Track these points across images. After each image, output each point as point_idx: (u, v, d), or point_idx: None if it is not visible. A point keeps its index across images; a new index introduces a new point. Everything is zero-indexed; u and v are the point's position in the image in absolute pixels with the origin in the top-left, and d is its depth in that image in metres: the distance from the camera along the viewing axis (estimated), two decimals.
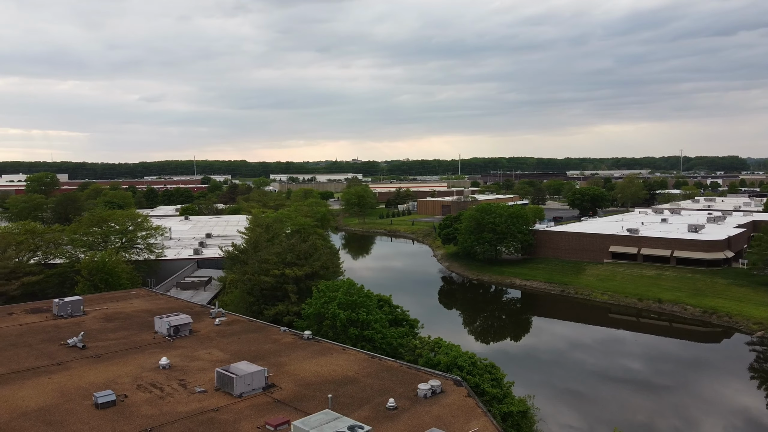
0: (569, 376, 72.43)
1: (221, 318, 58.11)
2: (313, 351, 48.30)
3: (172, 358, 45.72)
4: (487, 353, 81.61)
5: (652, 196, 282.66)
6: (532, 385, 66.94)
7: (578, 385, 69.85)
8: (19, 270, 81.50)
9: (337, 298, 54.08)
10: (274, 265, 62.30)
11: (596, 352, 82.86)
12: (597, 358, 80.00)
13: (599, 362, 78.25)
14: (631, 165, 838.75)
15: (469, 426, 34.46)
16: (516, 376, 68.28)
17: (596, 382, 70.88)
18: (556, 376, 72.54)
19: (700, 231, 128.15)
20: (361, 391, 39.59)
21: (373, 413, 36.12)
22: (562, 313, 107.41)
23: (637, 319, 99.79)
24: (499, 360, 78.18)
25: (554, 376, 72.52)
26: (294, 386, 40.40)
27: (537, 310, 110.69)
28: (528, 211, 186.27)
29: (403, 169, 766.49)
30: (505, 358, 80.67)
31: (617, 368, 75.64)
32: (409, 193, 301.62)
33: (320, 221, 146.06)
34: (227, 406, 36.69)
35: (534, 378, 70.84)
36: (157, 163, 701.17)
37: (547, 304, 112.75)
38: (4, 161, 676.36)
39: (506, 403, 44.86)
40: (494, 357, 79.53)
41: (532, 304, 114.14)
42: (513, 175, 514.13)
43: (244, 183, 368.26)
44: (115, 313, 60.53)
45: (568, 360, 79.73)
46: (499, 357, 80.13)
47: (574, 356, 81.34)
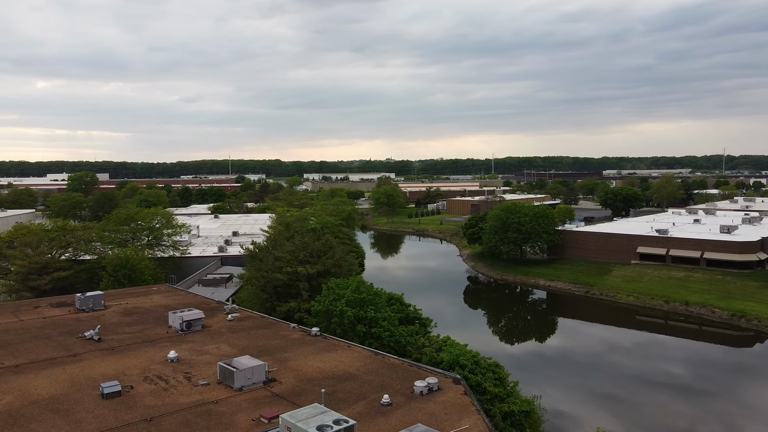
0: (589, 379, 71.66)
1: (234, 314, 59.49)
2: (318, 347, 49.12)
3: (181, 351, 47.13)
4: (506, 353, 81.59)
5: (689, 197, 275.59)
6: (547, 386, 66.58)
7: (600, 387, 69.05)
8: (50, 266, 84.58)
9: (346, 296, 54.77)
10: (287, 263, 63.41)
11: (619, 354, 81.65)
12: (619, 360, 78.86)
13: (623, 364, 77.11)
14: (671, 164, 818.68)
15: (460, 423, 34.72)
16: (531, 376, 68.17)
17: (621, 384, 69.91)
18: (576, 377, 71.86)
19: (733, 232, 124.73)
20: (359, 387, 40.19)
21: (367, 409, 36.69)
22: (586, 314, 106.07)
23: (665, 321, 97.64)
24: (515, 361, 78.21)
25: (575, 377, 71.85)
26: (294, 381, 41.25)
27: (560, 311, 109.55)
28: (557, 210, 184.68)
29: (436, 168, 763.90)
30: (523, 358, 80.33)
31: (645, 371, 74.39)
32: (439, 193, 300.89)
33: (345, 220, 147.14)
34: (227, 399, 37.74)
35: (549, 378, 70.36)
36: (193, 162, 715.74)
37: (571, 305, 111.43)
38: (50, 161, 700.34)
39: (508, 403, 44.83)
40: (511, 357, 79.56)
41: (555, 305, 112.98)
42: (547, 175, 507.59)
43: (275, 182, 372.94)
44: (134, 308, 62.51)
45: (590, 361, 78.82)
46: (518, 358, 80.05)
47: (595, 358, 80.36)
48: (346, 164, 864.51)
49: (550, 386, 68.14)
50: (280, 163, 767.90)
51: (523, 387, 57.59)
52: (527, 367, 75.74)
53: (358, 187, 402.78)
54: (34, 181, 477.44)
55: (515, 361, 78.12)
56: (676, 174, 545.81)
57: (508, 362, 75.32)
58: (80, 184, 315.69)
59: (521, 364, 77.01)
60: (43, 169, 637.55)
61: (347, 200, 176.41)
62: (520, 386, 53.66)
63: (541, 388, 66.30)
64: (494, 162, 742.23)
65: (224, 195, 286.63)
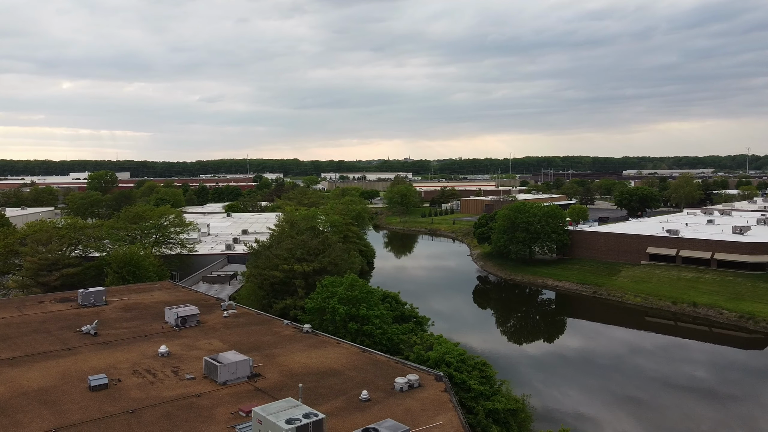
0: (585, 377, 71.44)
1: (231, 311, 60.42)
2: (308, 344, 49.77)
3: (173, 346, 48.11)
4: (507, 352, 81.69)
5: (707, 197, 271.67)
6: (543, 384, 66.64)
7: (596, 385, 68.82)
8: (60, 262, 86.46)
9: (338, 294, 55.38)
10: (284, 261, 64.22)
11: (621, 354, 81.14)
12: (621, 360, 78.39)
13: (624, 364, 76.66)
14: (693, 164, 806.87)
15: (434, 419, 35.08)
16: (529, 374, 68.27)
17: (619, 382, 69.59)
18: (571, 376, 71.69)
19: (746, 233, 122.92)
20: (341, 383, 40.73)
21: (346, 404, 37.22)
22: (592, 314, 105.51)
23: (673, 323, 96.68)
24: (514, 359, 78.23)
25: (570, 376, 71.69)
26: (279, 376, 41.93)
27: (566, 312, 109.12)
28: (571, 210, 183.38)
29: (454, 168, 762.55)
30: (522, 357, 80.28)
31: (646, 371, 73.92)
32: (453, 192, 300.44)
33: (355, 219, 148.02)
34: (210, 393, 38.54)
35: (548, 377, 70.31)
36: (212, 161, 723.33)
37: (578, 305, 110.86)
38: (73, 160, 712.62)
39: (493, 401, 45.05)
40: (509, 356, 79.60)
41: (562, 305, 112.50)
42: (565, 175, 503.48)
43: (290, 181, 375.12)
44: (134, 303, 63.80)
45: (588, 361, 78.51)
46: (517, 357, 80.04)
47: (596, 358, 80.00)
48: (364, 164, 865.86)
49: (546, 384, 68.16)
50: (299, 162, 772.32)
51: (518, 385, 57.88)
52: (524, 366, 75.78)
53: (374, 186, 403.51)
54: (57, 179, 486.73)
55: (513, 360, 78.20)
56: (698, 174, 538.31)
57: (506, 361, 75.71)
58: (100, 183, 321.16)
59: (520, 363, 77.06)
60: (66, 168, 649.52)
61: (357, 199, 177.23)
62: (516, 385, 53.92)
63: (537, 385, 66.42)
64: (513, 162, 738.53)
65: (240, 194, 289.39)
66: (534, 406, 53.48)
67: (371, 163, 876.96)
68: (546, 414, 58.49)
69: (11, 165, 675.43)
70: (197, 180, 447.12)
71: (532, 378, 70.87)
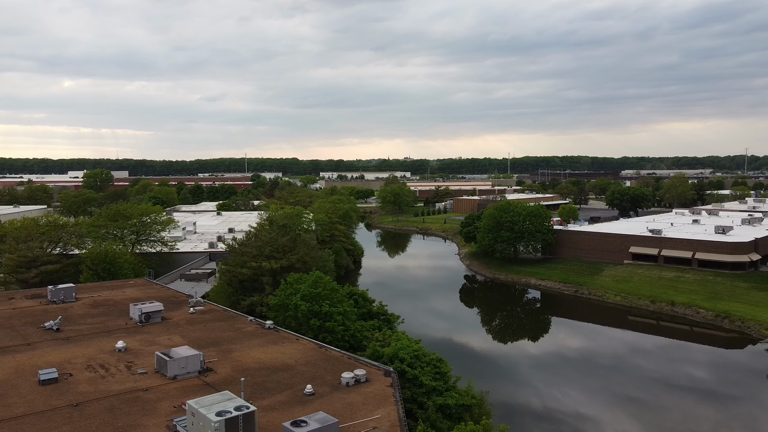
0: (539, 375, 72.00)
1: (199, 307, 61.08)
2: (266, 340, 50.39)
3: (132, 342, 48.74)
4: (477, 349, 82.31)
5: (700, 197, 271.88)
6: (507, 380, 67.24)
7: (561, 381, 69.38)
8: (39, 259, 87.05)
9: (301, 290, 55.94)
10: (253, 258, 64.82)
11: (595, 351, 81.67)
12: (593, 357, 78.93)
13: (595, 361, 77.19)
14: (692, 164, 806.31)
15: (373, 413, 35.68)
16: (491, 370, 68.82)
17: (583, 378, 70.14)
18: (535, 372, 72.25)
19: (728, 233, 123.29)
20: (290, 378, 41.34)
21: (289, 398, 37.84)
22: (571, 313, 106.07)
23: (649, 321, 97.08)
24: (480, 356, 78.80)
25: (533, 372, 72.24)
26: (230, 371, 42.54)
27: (546, 310, 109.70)
28: (561, 210, 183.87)
29: (453, 167, 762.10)
30: (491, 354, 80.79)
31: (613, 367, 74.44)
32: (448, 192, 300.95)
33: (342, 218, 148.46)
34: (158, 387, 39.15)
35: (509, 373, 70.89)
36: (211, 160, 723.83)
37: (559, 304, 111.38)
38: (72, 158, 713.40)
39: (445, 396, 45.59)
40: (482, 353, 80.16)
41: (542, 304, 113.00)
42: (562, 175, 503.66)
43: (285, 180, 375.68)
44: (104, 300, 64.42)
45: (558, 357, 79.04)
46: (484, 353, 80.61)
47: (568, 354, 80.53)
48: (364, 163, 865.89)
49: (516, 380, 68.80)
50: (297, 161, 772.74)
51: (489, 381, 58.63)
52: (494, 362, 76.37)
53: (371, 185, 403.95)
54: (55, 178, 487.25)
55: (484, 357, 78.75)
56: (696, 174, 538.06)
57: (473, 357, 76.44)
58: (96, 182, 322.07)
59: (491, 360, 77.61)
60: (65, 167, 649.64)
61: (346, 198, 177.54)
62: (487, 380, 54.42)
63: (507, 381, 67.07)
64: (512, 161, 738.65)
65: (235, 192, 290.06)
66: (492, 402, 53.92)
67: (371, 162, 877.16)
68: (509, 408, 59.08)
69: (10, 163, 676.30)
70: (193, 179, 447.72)
71: (502, 374, 71.48)
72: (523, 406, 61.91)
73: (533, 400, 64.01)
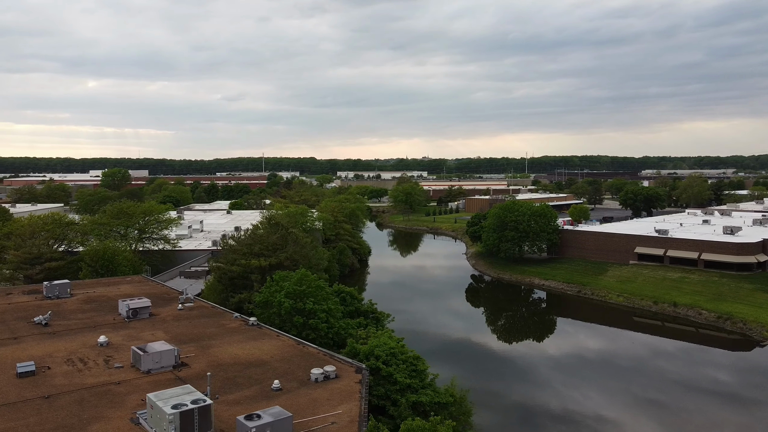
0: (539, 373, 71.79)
1: (188, 303, 62.05)
2: (247, 336, 51.08)
3: (116, 337, 49.77)
4: (466, 347, 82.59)
5: (717, 197, 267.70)
6: (490, 378, 67.22)
7: (545, 380, 69.17)
8: (43, 256, 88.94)
9: (285, 288, 56.56)
10: (243, 256, 65.67)
11: (590, 350, 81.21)
12: (587, 356, 78.50)
13: (587, 359, 76.78)
14: (715, 164, 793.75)
15: (336, 408, 36.11)
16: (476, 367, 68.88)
17: (569, 377, 69.84)
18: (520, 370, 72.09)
19: (737, 233, 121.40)
20: (261, 373, 41.93)
21: (256, 393, 38.42)
22: (572, 313, 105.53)
23: (651, 322, 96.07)
24: (474, 354, 78.84)
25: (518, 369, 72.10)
26: (204, 366, 43.25)
27: (548, 310, 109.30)
28: (572, 210, 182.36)
29: (470, 167, 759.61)
30: (487, 353, 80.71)
31: (601, 367, 74.00)
32: (461, 191, 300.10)
33: (348, 217, 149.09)
34: (130, 381, 40.00)
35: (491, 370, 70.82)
36: (229, 159, 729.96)
37: (561, 304, 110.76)
38: (95, 158, 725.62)
39: (420, 394, 45.81)
40: (472, 351, 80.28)
41: (544, 303, 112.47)
42: (579, 174, 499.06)
43: (299, 179, 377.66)
44: (98, 296, 65.71)
45: (554, 356, 78.77)
46: (479, 352, 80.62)
47: (554, 355, 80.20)
48: (382, 162, 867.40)
49: (494, 378, 68.81)
50: (315, 161, 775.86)
51: (472, 376, 58.80)
52: (486, 359, 76.37)
53: (386, 185, 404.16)
54: (77, 177, 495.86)
55: (472, 354, 78.78)
56: (720, 174, 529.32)
57: (464, 354, 76.59)
58: (113, 180, 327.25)
59: (485, 357, 77.60)
60: (87, 166, 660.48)
61: (353, 197, 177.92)
62: (469, 377, 54.44)
63: (503, 378, 67.15)
64: (531, 161, 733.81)
65: (248, 191, 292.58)
66: (480, 396, 54.05)
67: (389, 161, 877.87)
68: (494, 400, 59.15)
69: (34, 162, 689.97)
70: (210, 178, 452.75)
71: (493, 371, 71.52)
72: (504, 400, 61.94)
73: (516, 394, 63.99)
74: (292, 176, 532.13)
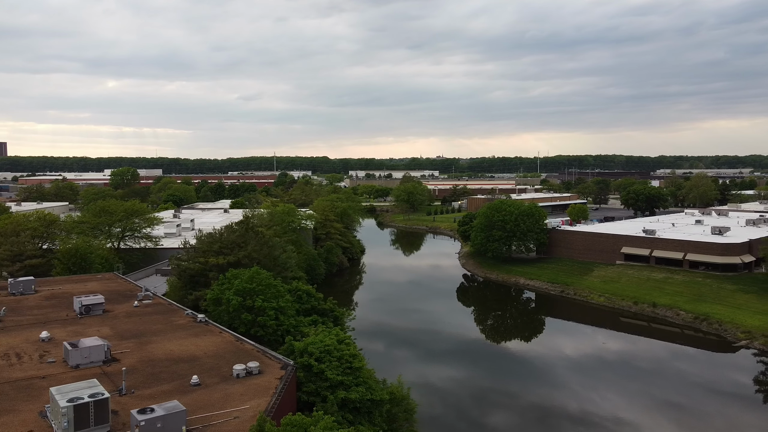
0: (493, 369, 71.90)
1: (146, 300, 63.19)
2: (191, 332, 51.96)
3: (61, 333, 50.93)
4: (433, 344, 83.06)
5: (724, 197, 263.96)
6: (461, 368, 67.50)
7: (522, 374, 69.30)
8: (24, 254, 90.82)
9: (234, 285, 57.33)
10: (203, 254, 66.68)
11: (563, 347, 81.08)
12: (558, 353, 78.42)
13: (556, 356, 76.72)
14: (733, 163, 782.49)
15: (246, 403, 36.76)
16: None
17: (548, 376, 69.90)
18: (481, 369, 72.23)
19: (725, 234, 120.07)
20: (187, 369, 42.70)
21: (174, 387, 39.20)
22: (552, 312, 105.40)
23: (628, 321, 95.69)
24: (442, 351, 79.33)
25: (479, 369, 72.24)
26: (134, 362, 44.17)
27: (529, 310, 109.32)
28: (570, 210, 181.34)
29: (483, 166, 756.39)
30: (462, 349, 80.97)
31: (578, 364, 73.89)
32: (465, 191, 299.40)
33: (340, 216, 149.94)
34: (56, 375, 41.01)
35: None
36: (242, 159, 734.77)
37: (542, 304, 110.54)
38: (111, 157, 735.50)
39: (351, 391, 46.25)
40: (438, 348, 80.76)
41: (527, 303, 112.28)
42: (590, 174, 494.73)
43: (304, 179, 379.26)
44: (61, 293, 67.08)
45: (522, 352, 78.81)
46: (454, 348, 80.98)
47: (525, 353, 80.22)
48: (396, 161, 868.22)
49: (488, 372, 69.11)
50: (328, 160, 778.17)
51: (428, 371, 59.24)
52: (455, 356, 76.67)
53: (394, 184, 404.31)
54: (92, 176, 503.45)
55: (448, 351, 79.09)
56: (736, 174, 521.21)
57: (431, 351, 76.93)
58: (122, 180, 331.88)
59: (454, 354, 77.91)
60: (103, 165, 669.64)
61: (345, 197, 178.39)
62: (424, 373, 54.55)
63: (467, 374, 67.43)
64: (545, 160, 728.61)
65: (255, 191, 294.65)
66: (416, 398, 54.37)
67: (402, 161, 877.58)
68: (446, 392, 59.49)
69: (51, 162, 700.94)
70: (225, 177, 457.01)
71: (456, 366, 71.84)
72: (453, 395, 62.24)
73: (475, 388, 64.32)
74: (303, 175, 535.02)
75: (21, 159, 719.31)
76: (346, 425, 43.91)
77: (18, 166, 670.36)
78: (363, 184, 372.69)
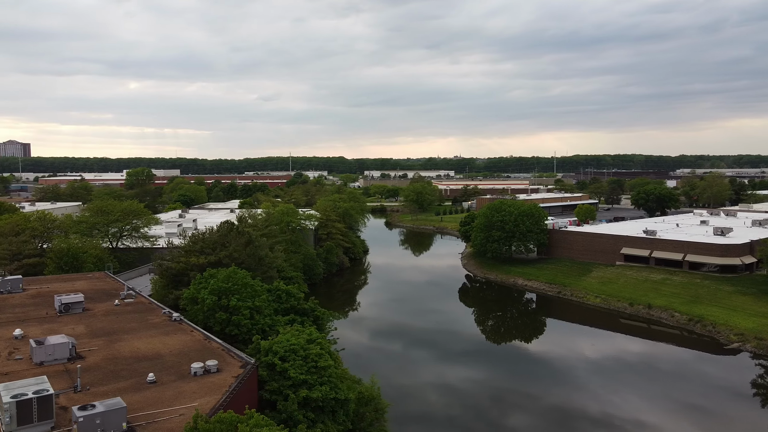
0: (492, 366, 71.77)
1: (129, 299, 64.22)
2: (162, 331, 52.76)
3: (36, 331, 52.04)
4: (420, 344, 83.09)
5: (738, 197, 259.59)
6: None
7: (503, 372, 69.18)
8: (21, 253, 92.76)
9: (210, 285, 58.03)
10: (185, 254, 67.57)
11: (553, 346, 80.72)
12: (548, 352, 78.09)
13: (547, 356, 76.40)
14: (755, 163, 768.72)
15: (195, 401, 37.31)
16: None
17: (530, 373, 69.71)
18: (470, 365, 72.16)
19: (727, 234, 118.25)
20: (149, 367, 43.39)
21: (129, 385, 39.92)
22: (548, 313, 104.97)
23: (631, 323, 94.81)
24: (439, 348, 79.47)
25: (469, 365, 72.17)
26: (100, 359, 45.01)
27: (525, 310, 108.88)
28: (578, 210, 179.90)
29: (499, 165, 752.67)
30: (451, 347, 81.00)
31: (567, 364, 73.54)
32: (476, 191, 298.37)
33: (342, 216, 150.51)
34: (18, 372, 41.94)
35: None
36: (259, 159, 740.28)
37: (539, 304, 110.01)
38: (130, 157, 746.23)
39: (314, 390, 46.59)
40: (422, 348, 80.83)
41: (522, 303, 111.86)
42: (606, 174, 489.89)
43: (314, 179, 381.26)
44: (48, 292, 68.39)
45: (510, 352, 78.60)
46: (442, 347, 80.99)
47: (515, 352, 79.95)
48: (413, 161, 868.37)
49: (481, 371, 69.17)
50: (344, 160, 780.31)
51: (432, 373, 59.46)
52: (437, 354, 76.74)
53: (403, 184, 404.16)
54: (110, 176, 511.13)
55: (435, 349, 79.16)
56: (759, 173, 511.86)
57: (421, 349, 76.99)
58: (137, 180, 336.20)
59: (437, 352, 77.97)
60: (122, 165, 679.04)
61: (347, 197, 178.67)
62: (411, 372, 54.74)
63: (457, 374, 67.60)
64: (562, 160, 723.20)
65: (267, 190, 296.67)
66: (386, 396, 54.57)
67: (419, 160, 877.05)
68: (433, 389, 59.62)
69: (72, 162, 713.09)
70: (240, 177, 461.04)
71: (442, 366, 71.93)
72: (419, 390, 62.32)
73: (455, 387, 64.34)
74: (318, 176, 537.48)
75: (43, 160, 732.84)
76: (306, 423, 44.38)
77: (40, 166, 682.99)
78: (376, 184, 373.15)
